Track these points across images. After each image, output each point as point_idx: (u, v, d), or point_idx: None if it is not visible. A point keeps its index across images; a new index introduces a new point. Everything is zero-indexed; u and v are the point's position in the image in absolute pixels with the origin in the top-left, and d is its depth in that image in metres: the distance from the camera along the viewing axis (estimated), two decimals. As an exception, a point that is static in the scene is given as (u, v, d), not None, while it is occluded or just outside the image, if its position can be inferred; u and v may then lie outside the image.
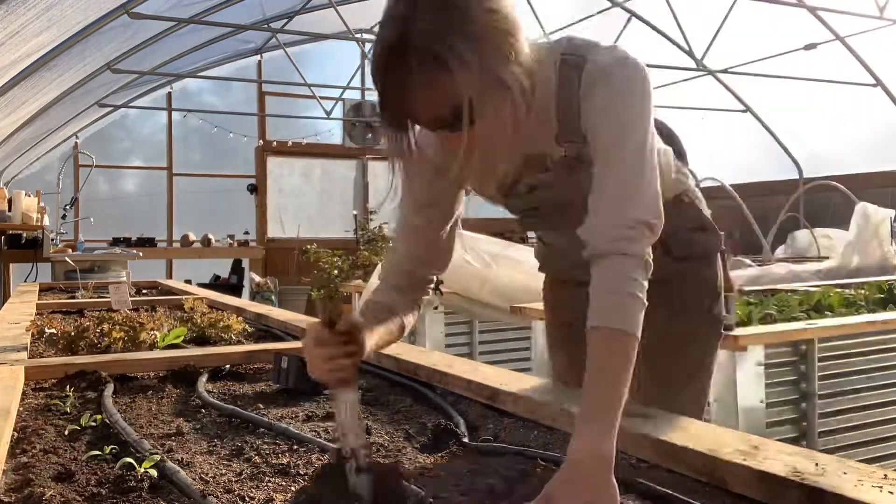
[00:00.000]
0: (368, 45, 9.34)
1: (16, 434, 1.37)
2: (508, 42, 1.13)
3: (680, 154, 1.57)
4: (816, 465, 1.01)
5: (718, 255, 1.60)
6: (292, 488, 1.08)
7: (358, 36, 8.73)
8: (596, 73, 1.21)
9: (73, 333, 2.27)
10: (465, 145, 1.09)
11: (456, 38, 1.06)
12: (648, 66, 1.24)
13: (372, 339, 1.22)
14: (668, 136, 1.56)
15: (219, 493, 1.06)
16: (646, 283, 1.12)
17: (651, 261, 1.14)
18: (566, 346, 1.72)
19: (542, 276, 1.83)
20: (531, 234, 2.24)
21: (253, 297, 9.22)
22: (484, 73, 1.08)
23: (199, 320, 2.53)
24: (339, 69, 10.78)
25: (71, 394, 1.68)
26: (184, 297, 3.58)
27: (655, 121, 1.31)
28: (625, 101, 1.20)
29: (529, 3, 7.92)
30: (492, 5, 1.11)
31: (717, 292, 1.58)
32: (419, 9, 1.07)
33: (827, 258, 5.82)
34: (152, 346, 2.29)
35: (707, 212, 1.61)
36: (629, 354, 1.07)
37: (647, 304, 1.11)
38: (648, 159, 1.18)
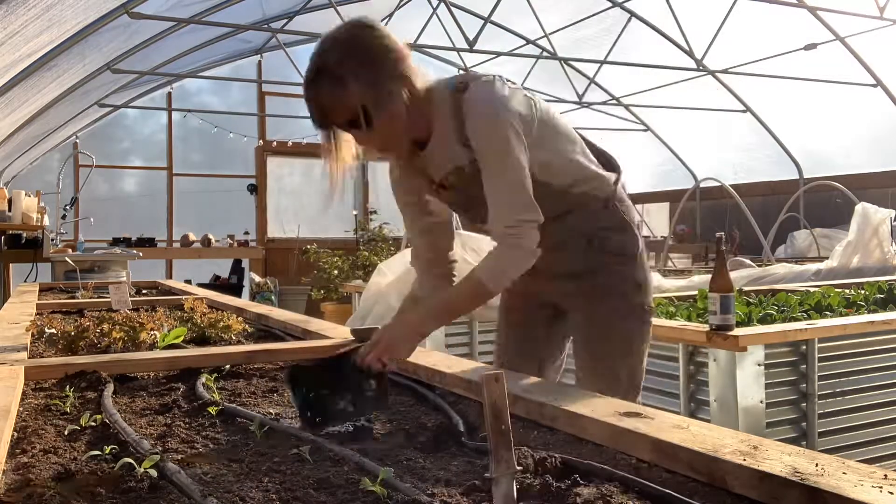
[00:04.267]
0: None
1: (16, 434, 1.37)
2: (398, 67, 1.57)
3: (612, 167, 1.91)
4: (816, 465, 1.01)
5: (641, 254, 1.89)
6: (293, 488, 1.08)
7: (358, 36, 8.69)
8: (469, 103, 1.62)
9: (73, 333, 2.27)
10: (369, 141, 1.59)
11: (354, 65, 1.52)
12: (648, 66, 1.26)
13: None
14: (598, 153, 1.90)
15: (219, 493, 1.06)
16: (523, 266, 1.61)
17: (536, 249, 1.60)
18: (517, 342, 2.08)
19: None
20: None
21: (253, 298, 9.22)
22: (376, 88, 1.53)
23: (199, 320, 2.53)
24: (339, 69, 10.76)
25: (71, 394, 1.68)
26: (184, 297, 3.58)
27: (590, 143, 1.86)
28: (486, 131, 1.60)
29: (529, 4, 7.92)
30: (385, 42, 1.57)
31: (637, 284, 1.87)
32: (330, 47, 1.56)
33: (827, 258, 5.82)
34: (152, 346, 2.29)
35: (635, 217, 1.92)
36: (477, 299, 1.65)
37: (514, 280, 1.64)
38: (512, 173, 1.58)
